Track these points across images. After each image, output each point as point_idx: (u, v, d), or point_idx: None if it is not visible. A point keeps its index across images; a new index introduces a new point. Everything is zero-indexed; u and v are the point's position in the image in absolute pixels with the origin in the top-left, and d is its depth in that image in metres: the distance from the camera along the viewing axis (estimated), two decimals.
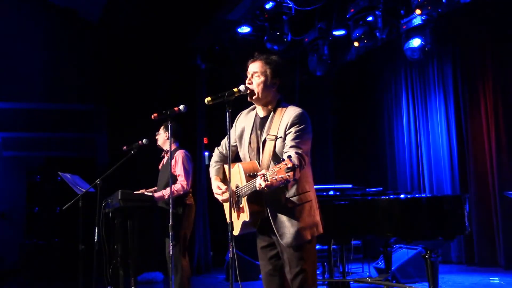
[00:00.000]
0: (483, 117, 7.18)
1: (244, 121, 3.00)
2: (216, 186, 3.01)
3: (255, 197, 2.72)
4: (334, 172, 9.45)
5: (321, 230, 2.84)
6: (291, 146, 2.67)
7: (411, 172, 8.43)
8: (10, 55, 9.00)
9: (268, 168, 2.68)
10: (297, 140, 2.69)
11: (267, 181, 2.43)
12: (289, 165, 2.37)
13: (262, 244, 2.92)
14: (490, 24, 7.09)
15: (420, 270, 5.53)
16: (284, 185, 2.58)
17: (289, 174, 2.36)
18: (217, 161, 3.16)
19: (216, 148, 3.23)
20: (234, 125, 3.07)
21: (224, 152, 3.16)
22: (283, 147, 2.73)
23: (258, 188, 2.52)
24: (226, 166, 3.10)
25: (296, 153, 2.58)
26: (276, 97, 2.90)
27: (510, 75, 6.89)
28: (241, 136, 2.98)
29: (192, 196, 5.06)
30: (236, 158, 3.03)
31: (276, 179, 2.39)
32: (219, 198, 2.98)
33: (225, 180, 3.07)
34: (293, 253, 2.73)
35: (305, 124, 2.75)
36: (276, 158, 2.73)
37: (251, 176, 2.71)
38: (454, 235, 4.22)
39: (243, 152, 2.95)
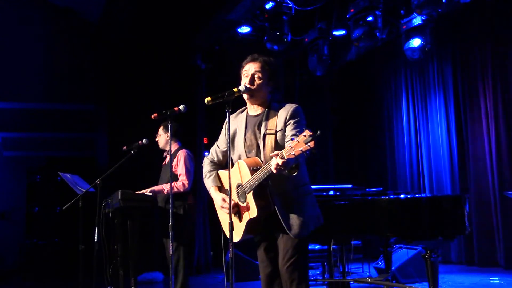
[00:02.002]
0: (483, 117, 7.18)
1: (235, 123, 3.00)
2: (221, 198, 2.93)
3: (260, 191, 2.73)
4: (334, 172, 9.45)
5: (322, 220, 2.89)
6: (293, 135, 2.70)
7: (411, 172, 8.43)
8: (10, 55, 9.00)
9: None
10: (297, 130, 2.72)
11: (284, 158, 2.41)
12: (308, 134, 2.33)
13: (263, 245, 2.92)
14: (490, 24, 7.09)
15: (420, 270, 5.53)
16: (295, 163, 2.51)
17: (309, 144, 2.32)
18: (210, 170, 3.13)
19: (205, 157, 3.20)
20: (223, 129, 3.10)
21: (215, 159, 3.15)
22: (284, 138, 2.79)
23: (274, 169, 2.47)
24: (220, 172, 3.10)
25: None
26: (268, 97, 2.97)
27: (510, 75, 6.89)
28: (233, 138, 2.97)
29: (192, 196, 5.05)
30: (227, 164, 3.04)
31: (294, 153, 2.36)
32: (225, 211, 2.90)
33: (222, 187, 3.05)
34: (293, 243, 2.75)
35: (302, 118, 2.84)
36: (279, 149, 2.73)
37: (255, 169, 2.72)
38: (454, 235, 4.22)
39: (238, 152, 2.94)
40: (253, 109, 2.98)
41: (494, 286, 5.84)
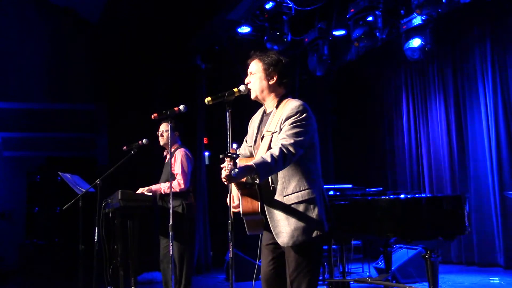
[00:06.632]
0: (483, 117, 7.19)
1: (255, 121, 2.97)
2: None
3: (248, 193, 2.64)
4: (334, 172, 9.44)
5: (324, 229, 2.69)
6: (281, 138, 2.61)
7: (411, 172, 8.43)
8: (11, 55, 9.01)
9: None
10: (289, 132, 2.63)
11: (226, 171, 2.42)
12: (228, 152, 2.38)
13: (267, 242, 2.82)
14: (490, 24, 7.10)
15: (420, 270, 5.52)
16: (235, 174, 2.41)
17: (231, 163, 2.35)
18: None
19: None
20: (249, 124, 3.05)
21: (243, 153, 3.05)
22: (276, 141, 2.68)
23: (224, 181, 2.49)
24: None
25: (282, 144, 2.56)
26: (279, 91, 2.87)
27: (510, 75, 6.89)
28: (252, 136, 2.95)
29: (192, 195, 5.05)
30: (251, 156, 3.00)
31: (228, 168, 2.38)
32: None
33: None
34: (293, 254, 2.66)
35: (302, 115, 2.69)
36: None
37: None
38: (454, 235, 4.22)
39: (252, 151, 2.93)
40: (267, 107, 2.91)
41: (494, 286, 5.84)
